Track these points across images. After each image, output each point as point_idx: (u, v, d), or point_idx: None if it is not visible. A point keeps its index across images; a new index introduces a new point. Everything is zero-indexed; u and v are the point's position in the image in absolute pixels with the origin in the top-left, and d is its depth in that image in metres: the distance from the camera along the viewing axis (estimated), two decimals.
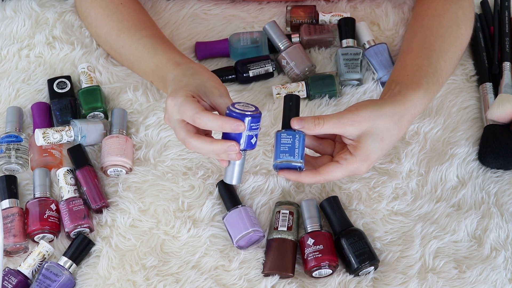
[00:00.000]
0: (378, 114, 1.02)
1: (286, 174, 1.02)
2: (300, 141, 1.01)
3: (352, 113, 1.01)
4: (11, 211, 1.11)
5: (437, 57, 1.12)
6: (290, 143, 1.01)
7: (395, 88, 1.07)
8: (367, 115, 1.01)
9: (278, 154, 1.01)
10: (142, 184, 1.15)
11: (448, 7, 1.18)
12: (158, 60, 1.12)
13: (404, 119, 1.04)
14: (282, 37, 1.26)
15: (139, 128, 1.20)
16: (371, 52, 1.25)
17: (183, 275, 1.07)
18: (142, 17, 1.22)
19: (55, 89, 1.23)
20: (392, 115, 1.02)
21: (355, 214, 1.12)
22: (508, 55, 1.26)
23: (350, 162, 1.02)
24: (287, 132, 1.01)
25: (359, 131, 1.01)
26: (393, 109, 1.03)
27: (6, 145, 1.17)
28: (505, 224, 1.12)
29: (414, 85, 1.07)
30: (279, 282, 1.07)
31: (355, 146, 1.01)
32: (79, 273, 1.09)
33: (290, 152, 1.01)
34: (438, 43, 1.14)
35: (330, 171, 1.02)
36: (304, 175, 1.02)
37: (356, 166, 1.02)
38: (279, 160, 1.01)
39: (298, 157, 1.01)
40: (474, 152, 1.18)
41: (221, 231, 1.11)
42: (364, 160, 1.02)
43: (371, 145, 1.01)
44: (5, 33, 1.31)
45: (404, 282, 1.06)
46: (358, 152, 1.01)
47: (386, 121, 1.02)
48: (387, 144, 1.03)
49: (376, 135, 1.01)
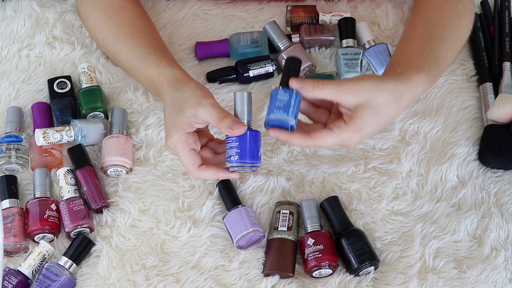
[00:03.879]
0: (379, 88, 1.01)
1: (276, 133, 1.01)
2: (296, 101, 1.00)
3: (353, 82, 1.01)
4: (11, 211, 1.11)
5: (438, 45, 1.11)
6: (285, 100, 0.99)
7: (397, 69, 1.06)
8: (367, 87, 1.00)
9: (272, 109, 1.00)
10: (142, 184, 1.15)
11: (449, 0, 1.18)
12: (150, 73, 1.14)
13: (404, 98, 1.03)
14: (282, 37, 1.26)
15: (139, 128, 1.20)
16: (371, 52, 1.25)
17: (183, 275, 1.08)
18: (140, 22, 1.22)
19: (55, 89, 1.23)
20: (392, 91, 1.02)
21: (355, 214, 1.12)
22: (508, 55, 1.26)
23: (343, 131, 1.01)
24: (284, 89, 1.00)
25: (357, 101, 1.00)
26: (395, 85, 1.02)
27: (6, 145, 1.17)
28: (505, 224, 1.12)
29: (416, 67, 1.06)
30: (279, 282, 1.07)
31: (350, 116, 1.01)
32: (79, 273, 1.09)
33: (285, 109, 0.99)
34: (439, 32, 1.13)
35: (321, 137, 1.01)
36: (295, 136, 1.01)
37: (348, 136, 1.01)
38: (273, 116, 1.00)
39: (292, 115, 0.99)
40: (474, 152, 1.18)
41: (221, 231, 1.11)
42: (357, 131, 1.01)
43: (367, 117, 1.00)
44: (5, 33, 1.31)
45: (404, 282, 1.06)
46: (352, 121, 1.00)
47: (386, 96, 1.01)
48: (382, 120, 1.02)
49: (373, 108, 1.00)
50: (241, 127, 1.01)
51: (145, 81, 1.17)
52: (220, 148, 1.09)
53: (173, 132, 1.04)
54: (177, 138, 1.04)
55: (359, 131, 1.01)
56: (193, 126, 1.04)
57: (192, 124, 1.04)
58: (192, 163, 1.04)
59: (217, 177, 1.05)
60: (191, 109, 1.03)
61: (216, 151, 1.09)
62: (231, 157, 1.02)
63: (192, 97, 1.04)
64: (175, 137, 1.04)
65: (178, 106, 1.05)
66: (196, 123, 1.04)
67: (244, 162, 1.02)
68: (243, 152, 1.02)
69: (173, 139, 1.04)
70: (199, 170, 1.04)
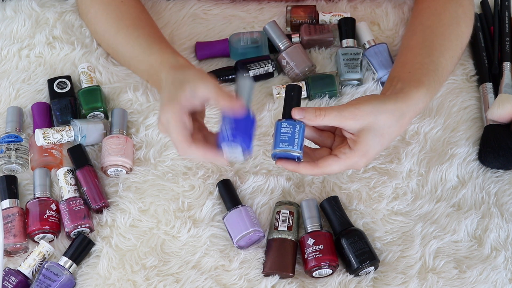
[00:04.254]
0: (380, 110, 1.01)
1: (284, 164, 1.02)
2: (300, 132, 1.00)
3: (353, 107, 1.01)
4: (11, 211, 1.11)
5: (438, 55, 1.12)
6: (290, 133, 1.00)
7: (397, 85, 1.07)
8: (368, 110, 1.01)
9: (278, 143, 1.01)
10: (142, 184, 1.15)
11: (448, 6, 1.18)
12: (153, 60, 1.13)
13: (406, 117, 1.04)
14: (282, 37, 1.26)
15: (139, 128, 1.20)
16: (371, 52, 1.25)
17: (183, 275, 1.08)
18: (142, 15, 1.22)
19: (55, 89, 1.23)
20: (393, 112, 1.02)
21: (355, 214, 1.12)
22: (508, 55, 1.26)
23: (348, 157, 1.01)
24: (288, 122, 1.01)
25: (360, 125, 1.01)
26: (395, 105, 1.03)
27: (6, 145, 1.17)
28: (505, 224, 1.12)
29: (416, 82, 1.06)
30: (279, 282, 1.07)
31: (355, 141, 1.01)
32: (79, 273, 1.09)
33: (290, 142, 1.00)
34: (439, 41, 1.14)
35: (328, 165, 1.02)
36: (302, 166, 1.02)
37: (354, 161, 1.02)
38: (278, 149, 1.01)
39: (297, 147, 1.00)
40: (474, 152, 1.18)
41: (221, 231, 1.11)
42: (363, 155, 1.01)
43: (371, 140, 1.01)
44: (5, 33, 1.31)
45: (404, 282, 1.06)
46: (357, 147, 1.01)
47: (387, 117, 1.01)
48: (387, 140, 1.03)
49: (376, 130, 1.01)
50: (240, 102, 1.00)
51: (146, 70, 1.15)
52: (211, 138, 1.06)
53: (168, 107, 1.01)
54: (172, 113, 1.00)
55: (365, 155, 1.01)
56: (190, 103, 1.01)
57: (190, 100, 1.01)
58: (182, 139, 1.01)
59: (204, 157, 1.02)
60: (190, 85, 1.01)
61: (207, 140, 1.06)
62: (223, 138, 1.00)
63: (194, 76, 1.03)
64: (170, 112, 1.00)
65: (177, 83, 1.03)
66: (194, 101, 1.01)
67: (235, 143, 0.99)
68: (237, 133, 1.00)
69: (168, 114, 1.01)
70: (188, 146, 1.01)
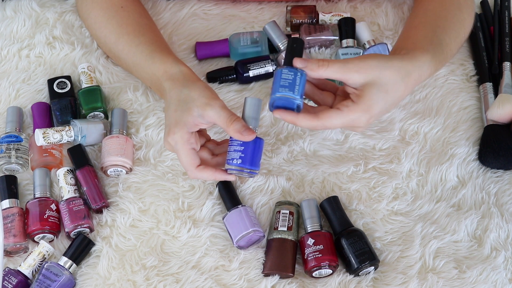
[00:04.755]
0: (386, 65, 1.00)
1: (282, 114, 0.99)
2: (302, 80, 0.97)
3: (359, 60, 1.00)
4: (11, 211, 1.11)
5: (441, 33, 1.11)
6: (291, 79, 0.97)
7: (402, 52, 1.06)
8: (374, 64, 1.00)
9: (277, 88, 0.97)
10: (142, 184, 1.15)
11: None
12: (155, 69, 1.13)
13: (411, 77, 1.02)
14: (282, 37, 1.26)
15: (139, 128, 1.20)
16: (371, 52, 1.25)
17: (183, 275, 1.08)
18: (143, 21, 1.22)
19: (55, 89, 1.23)
20: (399, 69, 1.01)
21: (355, 214, 1.12)
22: (508, 55, 1.27)
23: (351, 110, 0.99)
24: (289, 69, 0.98)
25: (364, 79, 0.99)
26: (401, 63, 1.01)
27: (6, 145, 1.17)
28: (505, 224, 1.12)
29: (421, 49, 1.06)
30: (279, 282, 1.07)
31: (358, 95, 0.99)
32: (79, 273, 1.09)
33: (290, 88, 0.96)
34: (442, 21, 1.13)
35: (329, 117, 0.99)
36: (302, 117, 0.99)
37: (357, 116, 0.99)
38: (278, 94, 0.97)
39: (298, 93, 0.97)
40: (474, 152, 1.18)
41: (221, 231, 1.11)
42: (366, 110, 0.99)
43: (375, 95, 0.99)
44: (5, 33, 1.31)
45: (404, 282, 1.06)
46: (361, 100, 0.99)
47: (392, 73, 1.00)
48: (391, 99, 1.01)
49: (381, 86, 0.99)
50: (250, 133, 1.00)
51: (149, 78, 1.16)
52: (218, 150, 1.09)
53: (176, 129, 1.03)
54: (180, 136, 1.03)
55: (368, 110, 0.99)
56: (198, 126, 1.04)
57: (197, 124, 1.03)
58: (192, 163, 1.04)
59: (214, 178, 1.05)
60: (198, 109, 1.02)
61: (214, 153, 1.08)
62: (233, 160, 1.02)
63: (200, 97, 1.04)
64: (178, 134, 1.03)
65: (184, 104, 1.04)
66: (202, 123, 1.03)
67: (245, 167, 1.02)
68: (246, 158, 1.01)
69: (175, 136, 1.03)
70: (198, 170, 1.04)
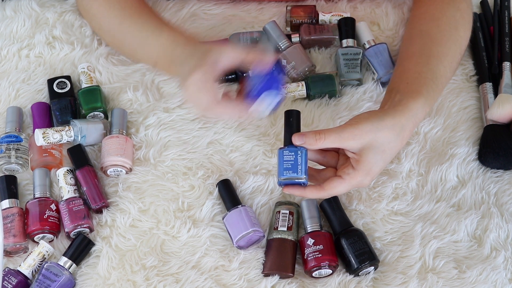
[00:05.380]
0: (379, 127, 1.01)
1: (290, 190, 1.03)
2: (303, 157, 1.02)
3: (352, 126, 1.02)
4: (11, 211, 1.11)
5: (436, 63, 1.11)
6: (292, 160, 1.02)
7: (396, 97, 1.06)
8: (367, 128, 1.01)
9: (282, 171, 1.02)
10: (142, 184, 1.15)
11: (446, 10, 1.17)
12: (164, 39, 1.13)
13: (406, 130, 1.04)
14: (282, 37, 1.26)
15: (139, 128, 1.20)
16: (371, 52, 1.25)
17: (183, 275, 1.08)
18: (144, 5, 1.22)
19: (55, 89, 1.23)
20: (393, 127, 1.02)
21: (355, 214, 1.12)
22: (508, 55, 1.26)
23: (352, 177, 1.02)
24: (289, 149, 1.02)
25: (360, 144, 1.01)
26: (393, 120, 1.03)
27: (6, 145, 1.17)
28: (505, 224, 1.12)
29: (414, 93, 1.06)
30: (279, 282, 1.07)
31: (357, 160, 1.02)
32: (79, 273, 1.09)
33: (293, 169, 1.01)
34: (437, 48, 1.13)
35: (333, 187, 1.03)
36: (309, 191, 1.03)
37: (359, 180, 1.02)
38: (283, 178, 1.02)
39: (302, 173, 1.01)
40: (474, 152, 1.18)
41: (221, 231, 1.11)
42: (366, 173, 1.02)
43: (373, 158, 1.01)
44: (5, 33, 1.31)
45: (404, 282, 1.06)
46: (360, 166, 1.01)
47: (387, 133, 1.02)
48: (389, 156, 1.03)
49: (377, 148, 1.01)
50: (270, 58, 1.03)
51: (155, 51, 1.15)
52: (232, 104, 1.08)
53: (194, 72, 1.03)
54: (199, 76, 1.02)
55: (369, 173, 1.02)
56: (215, 70, 1.04)
57: (214, 67, 1.03)
58: (211, 97, 1.03)
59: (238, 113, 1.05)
60: (215, 52, 1.03)
61: None
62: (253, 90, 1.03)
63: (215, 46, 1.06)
64: (197, 76, 1.02)
65: (200, 54, 1.05)
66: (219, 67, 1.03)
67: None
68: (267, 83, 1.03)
69: (194, 78, 1.02)
70: (217, 104, 1.03)
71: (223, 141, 1.19)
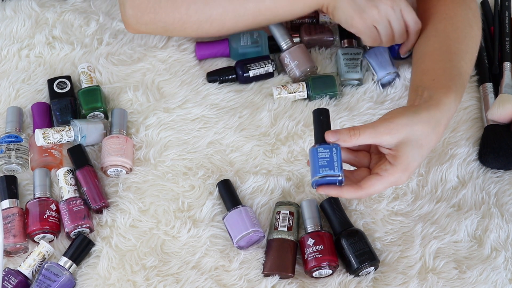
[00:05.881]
0: (415, 121, 0.99)
1: (326, 190, 0.99)
2: (338, 154, 0.98)
3: (388, 121, 0.99)
4: (11, 211, 1.11)
5: (458, 60, 1.10)
6: (328, 157, 0.98)
7: (424, 94, 1.04)
8: (403, 122, 0.99)
9: (317, 169, 0.98)
10: (142, 184, 1.15)
11: (458, 10, 1.16)
12: None
13: (441, 124, 1.02)
14: (286, 36, 1.25)
15: (139, 128, 1.20)
16: (371, 53, 1.24)
17: (183, 275, 1.07)
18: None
19: (55, 89, 1.23)
20: (429, 121, 1.00)
21: (355, 214, 1.12)
22: (508, 55, 1.27)
23: (391, 173, 0.99)
24: (323, 146, 0.98)
25: (397, 139, 0.98)
26: (429, 114, 1.01)
27: (6, 145, 1.17)
28: (505, 225, 1.12)
29: (444, 89, 1.04)
30: (279, 282, 1.07)
31: (394, 156, 0.99)
32: (79, 273, 1.09)
33: (330, 166, 0.97)
34: (456, 45, 1.12)
35: (372, 185, 0.99)
36: (346, 190, 0.99)
37: (397, 177, 0.99)
38: (319, 176, 0.98)
39: (338, 170, 0.98)
40: (474, 152, 1.18)
41: (221, 231, 1.11)
42: (405, 169, 0.99)
43: (410, 152, 0.98)
44: (5, 33, 1.31)
45: (404, 283, 1.06)
46: (398, 161, 0.98)
47: (423, 127, 0.99)
48: (426, 151, 1.01)
49: (414, 142, 0.99)
50: None
51: None
52: None
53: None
54: None
55: (407, 168, 0.99)
56: None
57: None
58: None
59: None
60: None
61: None
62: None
63: None
64: None
65: None
66: None
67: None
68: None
69: None
70: None
71: (223, 141, 1.19)
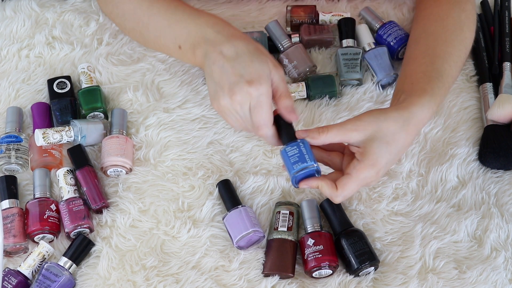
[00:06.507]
0: (381, 118, 1.01)
1: (307, 183, 1.00)
2: (306, 147, 1.00)
3: (356, 119, 1.01)
4: (11, 211, 1.11)
5: (441, 62, 1.11)
6: (297, 153, 1.00)
7: (401, 97, 1.06)
8: (370, 120, 1.01)
9: (291, 166, 1.00)
10: (142, 185, 1.15)
11: (451, 11, 1.17)
12: (203, 21, 1.09)
13: (410, 123, 1.02)
14: (284, 36, 1.26)
15: (139, 128, 1.20)
16: (371, 55, 1.24)
17: (183, 276, 1.08)
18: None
19: (55, 89, 1.23)
20: (396, 119, 1.02)
21: (355, 214, 1.12)
22: (508, 55, 1.26)
23: (359, 169, 1.00)
24: (290, 144, 1.01)
25: (364, 136, 1.00)
26: (397, 113, 1.02)
27: (6, 145, 1.17)
28: (505, 225, 1.12)
29: (418, 91, 1.06)
30: (279, 282, 1.07)
31: (361, 152, 1.00)
32: (79, 273, 1.09)
33: (301, 160, 1.00)
34: (442, 47, 1.13)
35: (344, 184, 1.00)
36: (325, 183, 1.00)
37: (365, 173, 1.00)
38: (295, 171, 1.00)
39: (310, 160, 1.00)
40: (474, 152, 1.18)
41: (221, 231, 1.11)
42: (372, 164, 1.00)
43: (377, 148, 1.00)
44: (5, 33, 1.31)
45: (404, 283, 1.06)
46: (365, 157, 1.00)
47: (390, 124, 1.01)
48: (394, 149, 1.01)
49: (381, 138, 1.00)
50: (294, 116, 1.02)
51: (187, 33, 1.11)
52: None
53: (262, 80, 1.00)
54: (266, 88, 1.01)
55: (375, 164, 1.00)
56: None
57: None
58: (270, 117, 1.02)
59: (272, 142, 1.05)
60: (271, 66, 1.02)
61: None
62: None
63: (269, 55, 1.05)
64: (264, 87, 1.00)
65: (259, 56, 1.03)
66: None
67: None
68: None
69: (262, 88, 1.00)
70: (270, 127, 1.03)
71: (223, 141, 1.19)
